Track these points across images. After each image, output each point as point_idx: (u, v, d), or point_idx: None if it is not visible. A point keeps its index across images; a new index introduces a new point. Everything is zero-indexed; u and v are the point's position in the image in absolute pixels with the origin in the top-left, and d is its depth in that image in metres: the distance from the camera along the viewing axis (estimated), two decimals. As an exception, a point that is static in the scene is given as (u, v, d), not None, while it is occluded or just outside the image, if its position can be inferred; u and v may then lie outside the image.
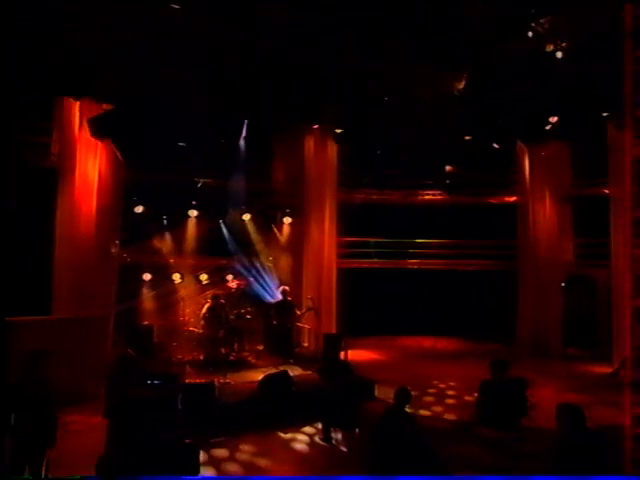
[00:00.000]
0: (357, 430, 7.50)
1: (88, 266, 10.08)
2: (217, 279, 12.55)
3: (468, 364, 11.46)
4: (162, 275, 11.93)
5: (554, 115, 11.06)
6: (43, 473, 5.04)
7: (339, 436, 7.51)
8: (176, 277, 12.15)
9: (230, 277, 12.55)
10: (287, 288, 11.26)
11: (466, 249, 14.50)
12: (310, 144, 12.72)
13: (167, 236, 11.59)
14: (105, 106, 10.30)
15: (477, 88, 9.52)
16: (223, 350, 10.68)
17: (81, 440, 6.73)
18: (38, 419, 5.03)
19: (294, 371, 9.99)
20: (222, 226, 11.87)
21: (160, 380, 6.08)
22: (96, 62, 9.41)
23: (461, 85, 10.19)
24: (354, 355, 11.63)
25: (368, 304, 13.54)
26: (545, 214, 13.26)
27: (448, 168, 13.49)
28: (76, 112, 10.10)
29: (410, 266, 14.74)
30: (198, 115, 11.03)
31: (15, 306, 8.91)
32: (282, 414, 8.15)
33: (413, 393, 9.60)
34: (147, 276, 11.88)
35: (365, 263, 14.31)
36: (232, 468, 6.49)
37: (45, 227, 9.93)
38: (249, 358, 10.87)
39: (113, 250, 10.88)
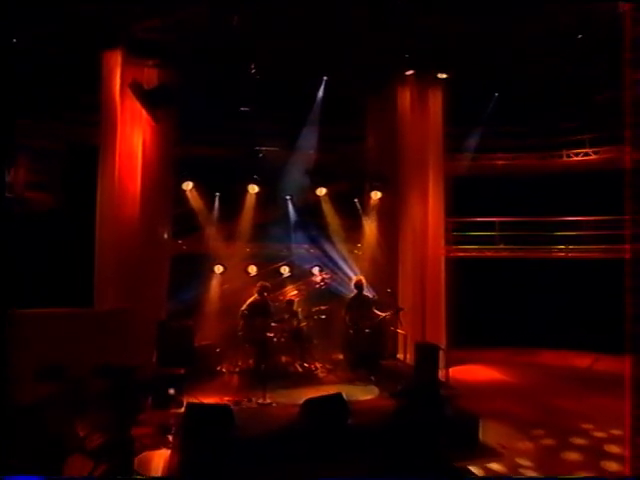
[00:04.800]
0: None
1: (133, 254, 8.79)
2: (300, 272, 10.51)
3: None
4: (231, 267, 10.20)
5: None
6: None
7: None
8: (252, 270, 10.37)
9: (316, 270, 10.46)
10: (362, 279, 8.64)
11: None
12: (405, 97, 9.89)
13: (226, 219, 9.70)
14: (148, 68, 8.86)
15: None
16: (283, 359, 8.46)
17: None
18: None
19: (370, 393, 7.44)
20: (289, 204, 9.61)
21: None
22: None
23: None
24: (465, 373, 8.87)
25: (492, 305, 10.59)
26: None
27: (599, 98, 9.38)
28: (117, 79, 8.74)
29: (554, 254, 11.02)
30: (262, 73, 9.14)
31: (55, 297, 8.20)
32: (324, 459, 5.60)
33: (547, 442, 6.49)
34: (219, 268, 10.22)
35: (487, 251, 11.06)
36: None
37: (87, 211, 8.76)
38: (318, 371, 8.46)
39: (165, 236, 9.40)
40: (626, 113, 4.45)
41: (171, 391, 6.86)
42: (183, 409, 6.35)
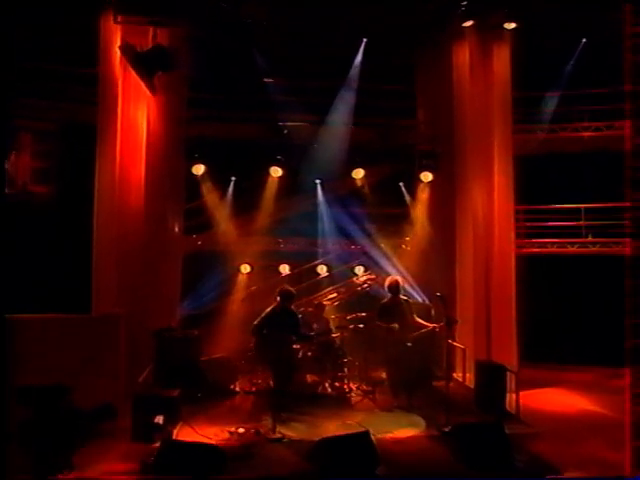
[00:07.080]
0: None
1: (138, 251, 7.69)
2: (338, 272, 9.22)
3: None
4: (258, 266, 9.10)
5: None
6: None
7: None
8: (284, 269, 9.31)
9: (361, 270, 9.24)
10: (398, 279, 7.05)
11: None
12: (463, 55, 8.24)
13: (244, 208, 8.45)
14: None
15: None
16: (309, 378, 6.97)
17: None
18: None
19: (414, 426, 5.89)
20: (319, 190, 8.19)
21: None
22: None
23: None
24: (541, 401, 7.15)
25: (577, 313, 9.08)
26: None
27: None
28: (116, 46, 7.60)
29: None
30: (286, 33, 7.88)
31: (48, 302, 7.23)
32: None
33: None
34: (245, 268, 9.17)
35: (571, 246, 9.19)
36: None
37: (83, 200, 7.71)
38: (351, 394, 6.92)
39: (176, 230, 8.28)
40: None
41: (158, 419, 5.51)
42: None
